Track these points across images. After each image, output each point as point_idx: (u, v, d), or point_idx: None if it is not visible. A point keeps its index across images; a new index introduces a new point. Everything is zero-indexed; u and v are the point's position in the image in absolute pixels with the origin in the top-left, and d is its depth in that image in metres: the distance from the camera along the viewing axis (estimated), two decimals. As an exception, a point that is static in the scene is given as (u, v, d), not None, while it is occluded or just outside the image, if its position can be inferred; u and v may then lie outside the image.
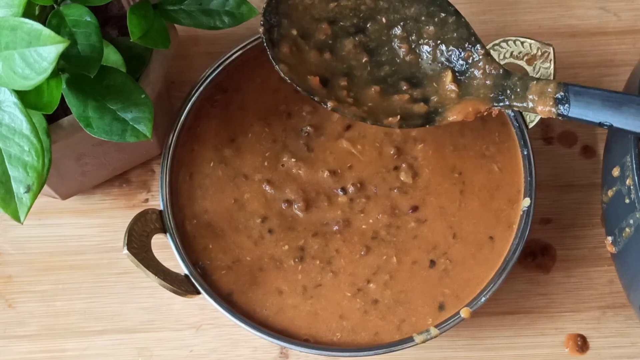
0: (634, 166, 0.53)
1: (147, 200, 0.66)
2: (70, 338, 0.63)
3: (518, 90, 0.55)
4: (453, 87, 0.57)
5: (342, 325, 0.58)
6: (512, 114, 0.62)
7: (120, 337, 0.63)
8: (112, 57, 0.55)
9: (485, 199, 0.61)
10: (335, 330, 0.58)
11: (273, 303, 0.59)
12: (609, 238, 0.58)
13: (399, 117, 0.56)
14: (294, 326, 0.58)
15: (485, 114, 0.56)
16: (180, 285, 0.57)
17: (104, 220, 0.66)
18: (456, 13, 0.58)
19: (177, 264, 0.59)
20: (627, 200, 0.54)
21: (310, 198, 0.61)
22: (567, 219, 0.65)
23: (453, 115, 0.56)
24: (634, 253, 0.55)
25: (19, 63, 0.46)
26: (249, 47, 0.64)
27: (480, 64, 0.57)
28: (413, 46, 0.58)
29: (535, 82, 0.55)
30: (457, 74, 0.57)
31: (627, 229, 0.55)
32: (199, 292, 0.58)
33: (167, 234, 0.59)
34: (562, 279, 0.64)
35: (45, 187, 0.58)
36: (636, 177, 0.52)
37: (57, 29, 0.51)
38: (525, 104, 0.55)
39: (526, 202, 0.60)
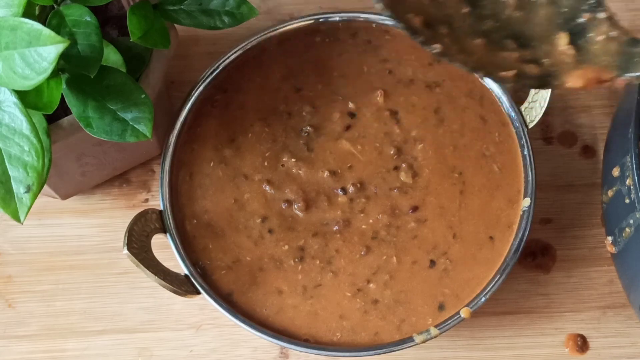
0: (634, 166, 0.53)
1: (147, 200, 0.66)
2: (70, 338, 0.63)
3: None
4: (569, 51, 0.50)
5: (342, 325, 0.58)
6: (513, 114, 0.62)
7: (120, 337, 0.63)
8: (112, 57, 0.55)
9: (485, 199, 0.61)
10: (335, 330, 0.58)
11: (273, 303, 0.59)
12: (609, 238, 0.58)
13: (515, 71, 0.49)
14: (294, 326, 0.58)
15: (607, 83, 0.49)
16: (180, 285, 0.57)
17: (104, 220, 0.66)
18: None
19: (177, 264, 0.59)
20: (627, 200, 0.54)
21: (310, 198, 0.61)
22: (567, 219, 0.65)
23: (571, 81, 0.49)
24: (634, 253, 0.55)
25: (19, 63, 0.46)
26: (249, 47, 0.64)
27: (603, 28, 0.50)
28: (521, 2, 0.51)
29: None
30: (574, 36, 0.51)
31: (627, 229, 0.55)
32: (199, 292, 0.58)
33: (167, 234, 0.59)
34: (562, 279, 0.64)
35: (45, 187, 0.58)
36: (636, 177, 0.52)
37: (57, 29, 0.51)
38: None
39: (526, 202, 0.60)
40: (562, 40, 0.51)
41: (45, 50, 0.45)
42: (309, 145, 0.62)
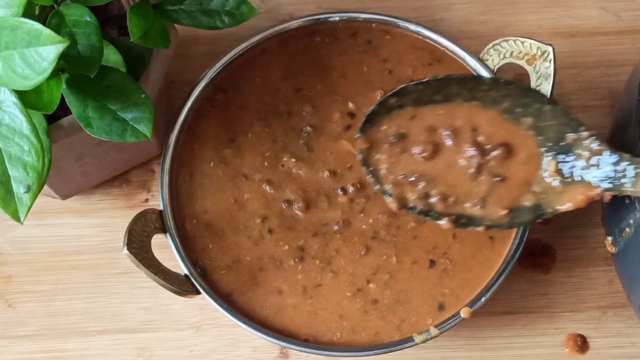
0: (634, 166, 0.53)
1: (147, 200, 0.66)
2: (70, 338, 0.63)
3: (631, 176, 0.52)
4: (557, 175, 0.55)
5: (342, 325, 0.58)
6: (512, 114, 0.62)
7: (120, 337, 0.63)
8: (112, 57, 0.55)
9: (485, 199, 0.61)
10: (335, 330, 0.58)
11: (273, 303, 0.59)
12: (609, 238, 0.58)
13: (507, 210, 0.56)
14: (294, 326, 0.58)
15: (597, 199, 0.54)
16: (180, 285, 0.57)
17: (104, 220, 0.66)
18: (551, 102, 0.56)
19: (177, 264, 0.59)
20: (627, 200, 0.54)
21: (310, 198, 0.61)
22: (567, 219, 0.65)
23: (563, 205, 0.55)
24: (634, 253, 0.55)
25: (19, 63, 0.46)
26: (249, 47, 0.64)
27: (586, 146, 0.54)
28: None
29: None
30: (560, 162, 0.55)
31: (627, 229, 0.55)
32: (199, 292, 0.58)
33: (167, 234, 0.59)
34: (562, 279, 0.64)
35: (45, 187, 0.58)
36: (636, 177, 0.52)
37: (57, 29, 0.51)
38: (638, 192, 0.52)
39: (526, 202, 0.60)
40: (551, 167, 0.55)
41: (45, 50, 0.45)
42: (309, 145, 0.62)
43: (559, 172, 0.55)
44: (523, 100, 0.57)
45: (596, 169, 0.54)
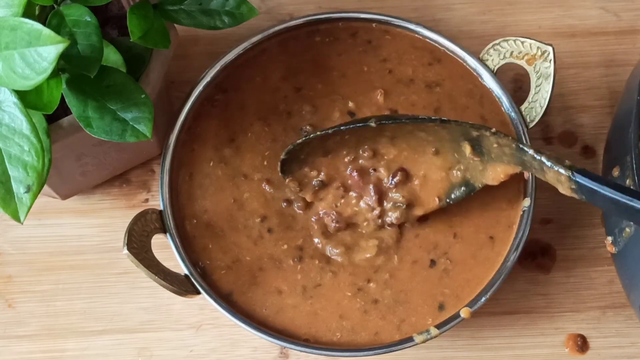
0: (634, 166, 0.53)
1: (147, 200, 0.66)
2: (70, 338, 0.63)
3: (537, 168, 0.54)
4: (475, 157, 0.57)
5: (342, 325, 0.58)
6: (513, 114, 0.62)
7: (120, 337, 0.63)
8: (112, 57, 0.55)
9: (485, 199, 0.61)
10: (335, 330, 0.58)
11: (273, 303, 0.59)
12: (609, 238, 0.58)
13: (438, 198, 0.59)
14: (294, 326, 0.58)
15: (517, 175, 0.57)
16: (180, 285, 0.57)
17: (104, 220, 0.66)
18: (443, 121, 0.57)
19: (177, 264, 0.59)
20: (626, 200, 0.54)
21: (310, 198, 0.61)
22: (567, 219, 0.65)
23: (488, 181, 0.58)
24: (634, 253, 0.55)
25: (19, 63, 0.46)
26: (249, 47, 0.64)
27: (492, 139, 0.56)
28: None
29: (549, 166, 0.53)
30: (475, 145, 0.57)
31: (627, 229, 0.55)
32: (199, 292, 0.58)
33: (167, 234, 0.59)
34: (562, 279, 0.64)
35: (45, 187, 0.58)
36: (636, 177, 0.52)
37: (57, 29, 0.51)
38: (549, 181, 0.54)
39: (526, 202, 0.60)
40: (467, 150, 0.57)
41: (45, 50, 0.45)
42: (309, 145, 0.62)
43: (475, 152, 0.57)
44: (418, 126, 0.58)
45: (508, 154, 0.56)
